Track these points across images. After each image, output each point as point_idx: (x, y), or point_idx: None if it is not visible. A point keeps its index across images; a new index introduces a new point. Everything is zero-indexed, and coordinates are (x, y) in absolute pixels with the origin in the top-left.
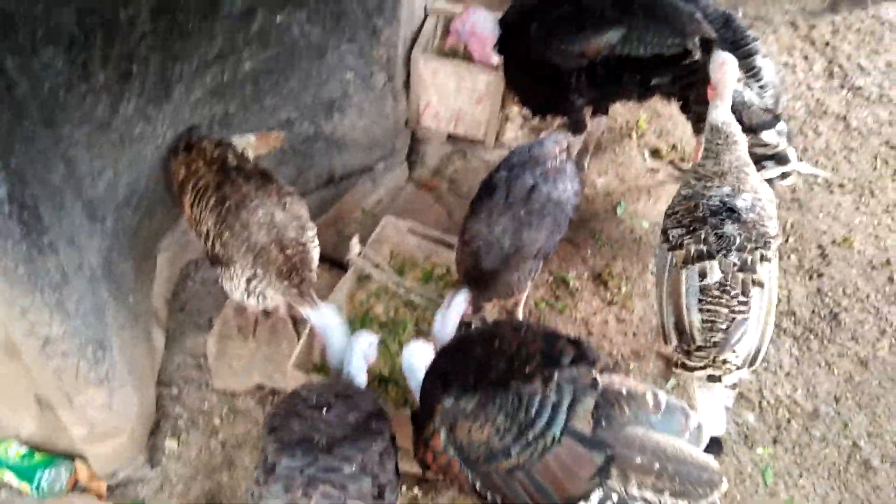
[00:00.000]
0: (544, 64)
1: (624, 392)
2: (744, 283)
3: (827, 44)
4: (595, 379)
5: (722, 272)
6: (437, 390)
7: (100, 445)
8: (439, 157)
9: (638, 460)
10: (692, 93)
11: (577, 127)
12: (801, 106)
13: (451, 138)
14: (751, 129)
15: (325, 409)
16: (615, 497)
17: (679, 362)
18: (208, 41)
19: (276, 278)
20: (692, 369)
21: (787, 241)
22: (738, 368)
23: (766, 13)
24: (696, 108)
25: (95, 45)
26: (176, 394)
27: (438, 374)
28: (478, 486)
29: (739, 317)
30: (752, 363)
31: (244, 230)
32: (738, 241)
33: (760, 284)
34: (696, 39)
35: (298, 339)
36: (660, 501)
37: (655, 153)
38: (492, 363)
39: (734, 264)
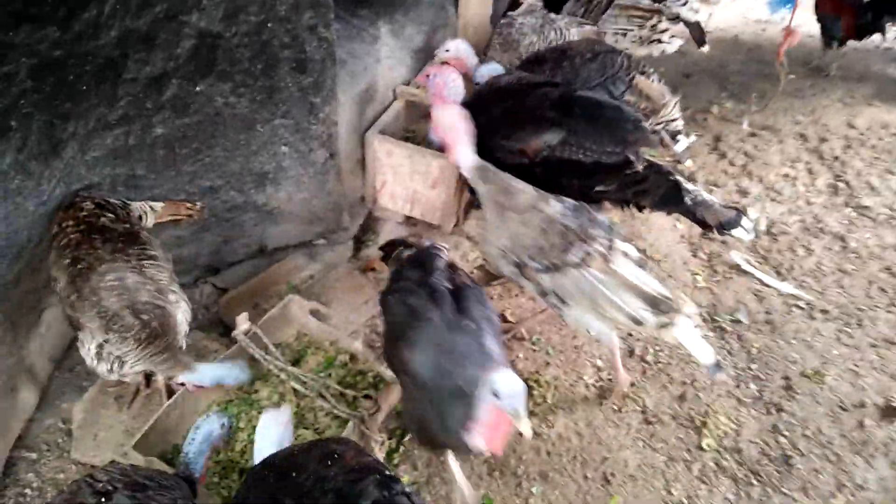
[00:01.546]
0: (488, 157)
1: None
2: None
3: (836, 158)
4: None
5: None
6: None
7: None
8: (393, 237)
9: None
10: (645, 200)
11: None
12: (795, 221)
13: (409, 220)
14: (719, 229)
15: (104, 497)
16: None
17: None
18: (108, 103)
19: (137, 347)
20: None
21: (749, 367)
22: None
23: (774, 123)
24: (653, 210)
25: None
26: (35, 459)
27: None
28: None
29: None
30: None
31: (93, 294)
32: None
33: None
34: (639, 150)
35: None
36: None
37: None
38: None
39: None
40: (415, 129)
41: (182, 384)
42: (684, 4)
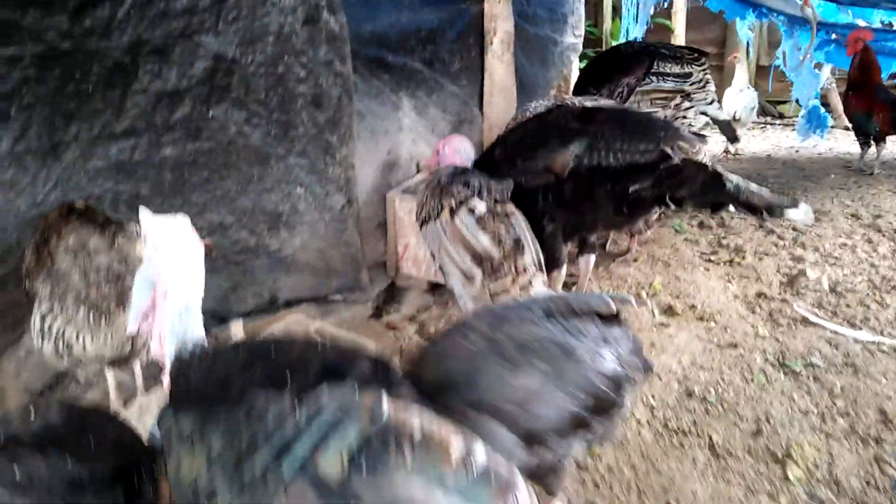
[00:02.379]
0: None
1: (417, 434)
2: (502, 211)
3: None
4: (379, 407)
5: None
6: (168, 407)
7: None
8: (417, 306)
9: None
10: (682, 190)
11: (552, 262)
12: (861, 280)
13: (435, 289)
14: (769, 211)
15: None
16: None
17: (490, 293)
18: (115, 111)
19: (73, 305)
20: (501, 291)
21: (833, 404)
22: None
23: (822, 206)
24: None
25: None
26: None
27: (179, 390)
28: None
29: (515, 229)
30: (540, 268)
31: (49, 257)
32: (483, 185)
33: (513, 213)
34: (676, 144)
35: None
36: None
37: (669, 310)
38: (250, 374)
39: (493, 199)
40: None
41: None
42: (711, 103)
